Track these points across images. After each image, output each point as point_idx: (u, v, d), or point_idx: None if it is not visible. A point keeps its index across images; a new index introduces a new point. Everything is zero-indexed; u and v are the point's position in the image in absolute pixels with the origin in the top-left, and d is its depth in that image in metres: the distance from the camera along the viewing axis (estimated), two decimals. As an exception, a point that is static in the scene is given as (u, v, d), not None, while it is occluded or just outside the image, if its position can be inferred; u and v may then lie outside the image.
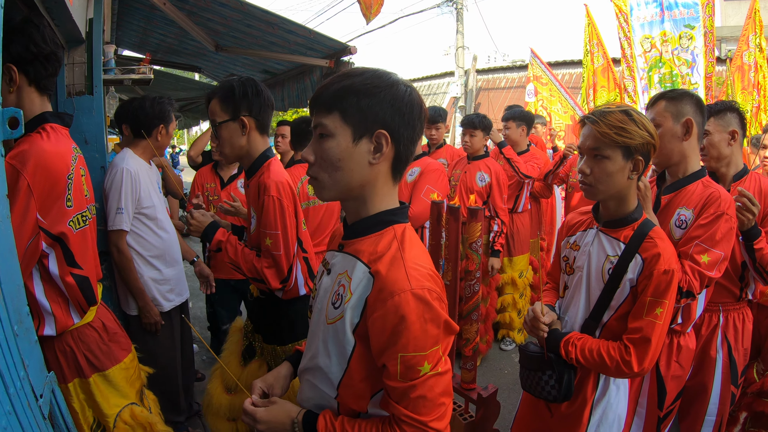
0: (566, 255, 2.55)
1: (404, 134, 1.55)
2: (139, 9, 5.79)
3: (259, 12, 5.00)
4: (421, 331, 1.43)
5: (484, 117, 5.54)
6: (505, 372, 5.46)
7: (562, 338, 2.34)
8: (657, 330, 2.14)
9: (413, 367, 1.45)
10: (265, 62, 7.02)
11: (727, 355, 3.11)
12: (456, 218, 2.94)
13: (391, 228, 1.60)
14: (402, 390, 1.47)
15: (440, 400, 1.51)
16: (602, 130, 2.17)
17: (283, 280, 2.92)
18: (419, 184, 4.37)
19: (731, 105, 3.14)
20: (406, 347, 1.43)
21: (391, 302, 1.43)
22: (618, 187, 2.25)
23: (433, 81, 21.97)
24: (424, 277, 1.48)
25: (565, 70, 16.75)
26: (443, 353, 1.50)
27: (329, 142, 1.51)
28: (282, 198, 2.86)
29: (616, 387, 2.42)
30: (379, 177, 1.58)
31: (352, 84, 1.50)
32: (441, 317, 1.47)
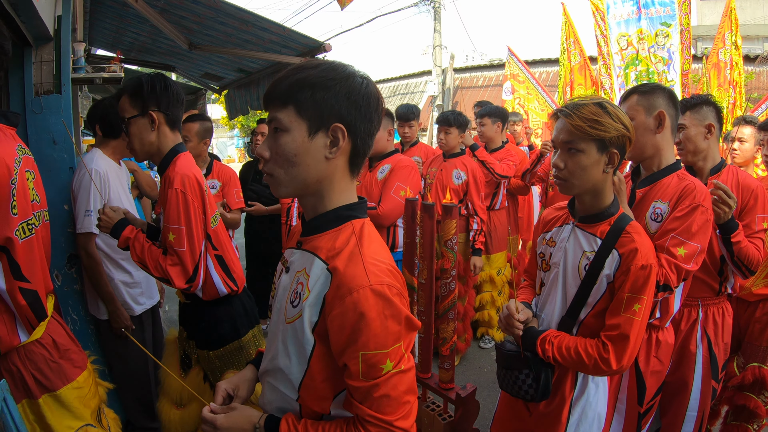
0: (542, 251, 2.52)
1: (361, 127, 1.53)
2: (111, 7, 5.68)
3: (233, 9, 4.93)
4: (381, 328, 1.40)
5: (459, 114, 5.47)
6: (485, 370, 5.45)
7: (539, 336, 2.30)
8: (635, 326, 2.11)
9: (375, 365, 1.42)
10: (239, 61, 6.93)
11: (707, 350, 3.10)
12: (431, 216, 2.90)
13: (350, 223, 1.57)
14: (365, 389, 1.44)
15: (405, 398, 1.48)
16: (576, 123, 2.14)
17: (188, 280, 2.84)
18: (389, 181, 4.31)
19: (707, 98, 3.13)
20: (367, 345, 1.40)
21: (349, 299, 1.40)
22: (593, 181, 2.21)
23: (411, 80, 22.05)
24: (383, 272, 1.45)
25: (542, 68, 16.89)
26: (406, 350, 1.48)
27: (284, 137, 1.48)
28: (186, 191, 2.81)
29: (595, 385, 2.39)
30: (337, 172, 1.55)
31: (306, 77, 1.47)
32: (402, 313, 1.44)
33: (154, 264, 2.81)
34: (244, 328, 3.27)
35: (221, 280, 3.09)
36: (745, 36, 9.38)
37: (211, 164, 4.96)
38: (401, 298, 1.46)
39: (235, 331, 3.22)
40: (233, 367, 3.19)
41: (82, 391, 2.68)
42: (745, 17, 17.03)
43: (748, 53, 13.70)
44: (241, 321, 3.26)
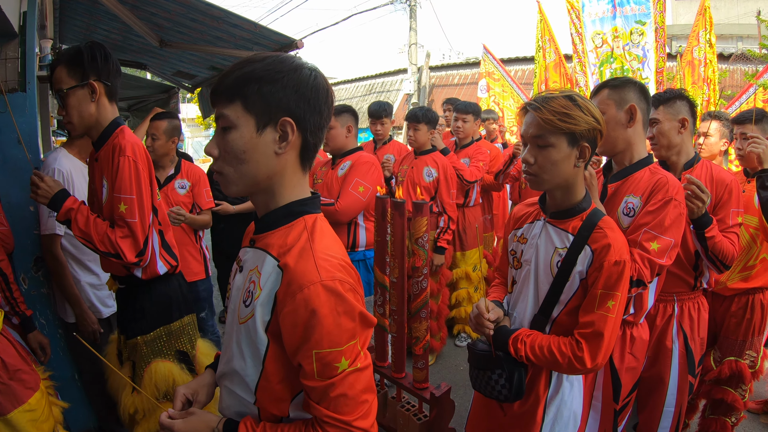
0: (513, 248, 2.48)
1: (311, 121, 1.50)
2: (81, 3, 5.58)
3: (203, 6, 4.85)
4: (334, 325, 1.38)
5: (428, 110, 5.43)
6: (460, 369, 5.43)
7: (511, 335, 2.26)
8: (609, 324, 2.07)
9: (330, 364, 1.39)
10: (211, 58, 6.84)
11: (683, 345, 3.10)
12: (401, 213, 2.86)
13: (302, 219, 1.54)
14: (321, 389, 1.41)
15: (362, 397, 1.46)
16: (545, 117, 2.09)
17: (139, 253, 2.75)
18: (348, 177, 4.27)
19: (680, 93, 3.12)
20: (320, 343, 1.37)
21: (300, 296, 1.37)
22: (564, 176, 2.16)
23: (387, 78, 22.08)
24: (335, 267, 1.43)
25: (517, 66, 16.98)
26: (362, 347, 1.46)
27: (232, 134, 1.45)
28: (137, 161, 2.74)
29: (569, 384, 2.36)
30: (287, 167, 1.53)
31: (253, 70, 1.44)
32: (355, 309, 1.42)
33: (100, 237, 2.67)
34: (177, 312, 3.17)
35: (161, 257, 3.02)
36: (720, 35, 9.47)
37: (180, 164, 4.84)
38: (355, 294, 1.44)
39: (167, 314, 3.11)
40: (160, 356, 3.08)
41: (34, 414, 2.58)
42: (719, 17, 17.22)
43: (722, 52, 13.87)
44: (176, 304, 3.16)
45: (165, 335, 3.09)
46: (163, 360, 3.06)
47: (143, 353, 3.04)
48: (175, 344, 3.12)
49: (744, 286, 3.67)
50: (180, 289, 3.20)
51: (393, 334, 3.11)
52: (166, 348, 3.09)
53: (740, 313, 3.65)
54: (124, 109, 11.34)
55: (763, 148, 3.41)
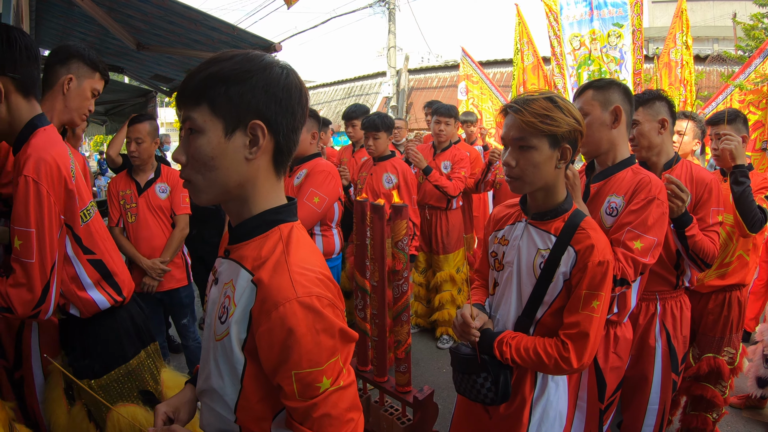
0: (494, 250, 2.47)
1: (283, 123, 1.42)
2: (57, 5, 5.51)
3: (181, 8, 4.81)
4: (313, 343, 1.31)
5: (385, 117, 5.23)
6: (443, 371, 5.41)
7: (495, 338, 2.25)
8: (594, 323, 2.08)
9: (311, 384, 1.33)
10: (189, 61, 6.79)
11: (666, 343, 3.12)
12: (380, 217, 2.86)
13: (277, 229, 1.47)
14: (303, 410, 1.35)
15: (347, 416, 1.40)
16: (526, 119, 2.07)
17: (35, 305, 2.19)
18: (303, 186, 4.10)
19: (659, 94, 3.15)
20: (299, 363, 1.31)
21: (275, 314, 1.30)
22: (546, 178, 2.16)
23: (366, 81, 22.08)
24: (312, 282, 1.35)
25: (496, 69, 17.05)
26: (344, 364, 1.39)
27: (199, 139, 1.36)
28: (41, 180, 2.16)
29: (555, 384, 2.36)
30: (260, 173, 1.44)
31: (220, 70, 1.35)
32: (335, 326, 1.35)
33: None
34: (133, 347, 2.81)
35: (99, 291, 2.59)
36: (696, 37, 9.57)
37: (159, 168, 4.72)
38: (334, 309, 1.37)
39: (120, 353, 2.74)
40: (122, 399, 2.73)
41: None
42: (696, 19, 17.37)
43: (699, 53, 14.05)
44: (128, 339, 2.79)
45: (122, 376, 2.75)
46: (126, 404, 2.74)
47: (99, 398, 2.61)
48: (137, 384, 2.80)
49: (721, 284, 3.71)
50: (132, 320, 2.85)
51: (374, 338, 3.10)
52: (125, 390, 2.76)
53: (717, 310, 3.69)
54: (101, 113, 11.25)
55: (735, 144, 3.45)
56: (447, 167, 5.90)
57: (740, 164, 3.43)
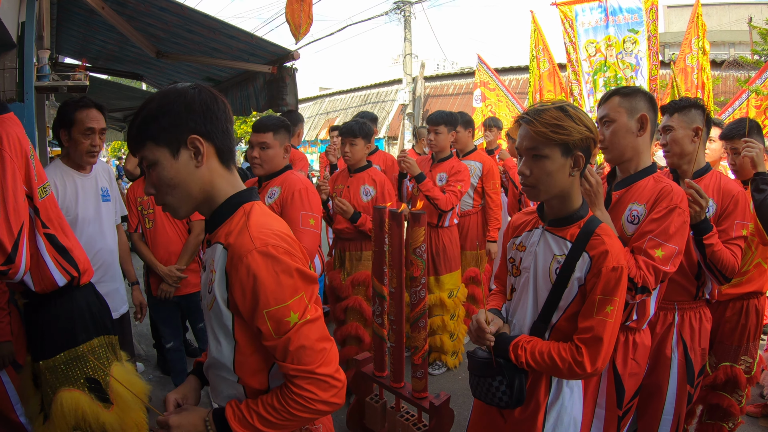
0: (512, 256, 2.49)
1: (212, 129, 1.67)
2: (78, 14, 5.61)
3: (200, 17, 4.88)
4: (276, 284, 1.56)
5: (363, 123, 4.85)
6: (459, 378, 5.38)
7: (511, 342, 2.27)
8: (608, 328, 2.09)
9: (281, 319, 1.57)
10: (207, 69, 6.88)
11: (682, 354, 3.09)
12: (399, 224, 2.88)
13: (241, 208, 1.72)
14: (281, 346, 1.59)
15: (319, 345, 1.63)
16: (538, 129, 2.11)
17: (6, 259, 2.30)
18: (290, 214, 3.66)
19: (696, 102, 3.11)
20: (268, 302, 1.55)
21: (241, 265, 1.55)
22: (560, 186, 2.18)
23: (382, 89, 22.14)
24: (268, 236, 1.60)
25: (512, 76, 17.02)
26: (309, 301, 1.64)
27: (156, 170, 1.63)
28: (4, 149, 2.34)
29: (569, 389, 2.36)
30: (213, 174, 1.70)
31: (148, 113, 1.61)
32: (291, 266, 1.59)
33: None
34: (85, 333, 2.80)
35: (55, 265, 2.66)
36: (712, 42, 9.53)
37: None
38: (290, 255, 1.61)
39: (70, 335, 2.75)
40: (67, 384, 2.70)
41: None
42: (712, 24, 17.32)
43: (714, 58, 13.92)
44: (82, 324, 2.79)
45: (70, 360, 2.74)
46: (70, 389, 2.71)
47: (47, 380, 2.72)
48: (84, 370, 2.77)
49: (738, 291, 3.67)
50: (89, 306, 2.86)
51: (392, 344, 3.12)
52: (72, 375, 2.74)
53: (735, 318, 3.65)
54: (119, 120, 11.35)
55: (756, 151, 3.43)
56: (443, 179, 5.43)
57: (761, 171, 3.41)
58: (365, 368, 3.34)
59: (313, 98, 27.09)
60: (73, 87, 4.28)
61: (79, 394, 2.71)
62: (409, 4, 18.89)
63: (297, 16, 5.19)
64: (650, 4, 7.95)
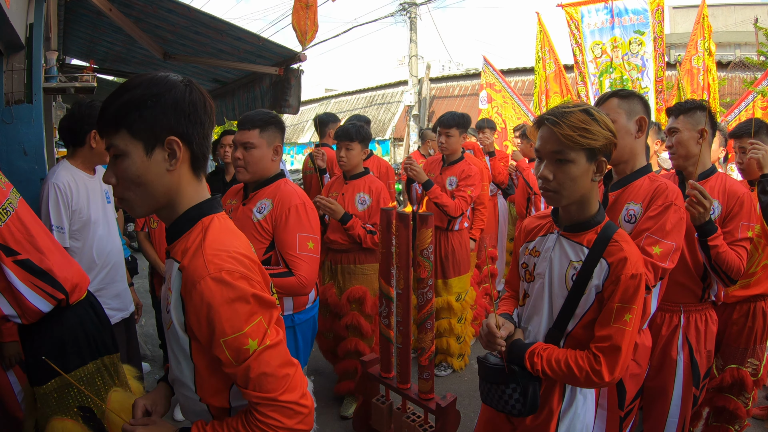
0: (525, 261, 2.43)
1: (194, 133, 1.58)
2: (85, 15, 5.64)
3: (207, 18, 4.90)
4: (230, 312, 1.47)
5: (361, 127, 4.53)
6: (465, 379, 5.38)
7: (527, 349, 2.23)
8: (627, 337, 2.05)
9: (240, 348, 1.49)
10: (214, 70, 6.90)
11: (688, 357, 3.10)
12: (406, 225, 2.89)
13: (200, 222, 1.62)
14: (242, 374, 1.51)
15: (282, 371, 1.55)
16: (565, 132, 2.03)
17: None
18: (285, 237, 3.13)
19: (701, 104, 3.12)
20: (224, 331, 1.47)
21: (195, 292, 1.46)
22: (582, 191, 2.13)
23: (387, 90, 22.13)
24: (223, 260, 1.50)
25: (517, 77, 17.02)
26: (268, 325, 1.55)
27: (125, 162, 1.51)
28: None
29: (582, 396, 2.33)
30: (182, 180, 1.60)
31: (131, 98, 1.49)
32: (247, 293, 1.49)
33: None
34: (78, 358, 2.65)
35: (35, 292, 2.49)
36: (717, 43, 9.52)
37: None
38: (246, 281, 1.51)
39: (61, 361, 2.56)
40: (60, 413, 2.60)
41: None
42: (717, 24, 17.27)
43: (720, 60, 13.92)
44: (74, 347, 2.64)
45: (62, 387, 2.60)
46: (62, 418, 2.59)
47: (39, 408, 2.63)
48: (78, 398, 2.64)
49: (745, 294, 3.65)
50: (83, 326, 2.69)
51: (398, 345, 3.12)
52: (65, 403, 2.61)
53: (742, 320, 3.65)
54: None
55: (762, 153, 3.43)
56: (453, 183, 5.28)
57: (767, 173, 3.42)
58: (372, 369, 3.35)
59: (318, 99, 27.08)
60: (81, 88, 4.29)
61: (72, 425, 2.62)
62: (415, 5, 18.90)
63: (303, 23, 5.20)
64: (656, 6, 7.94)
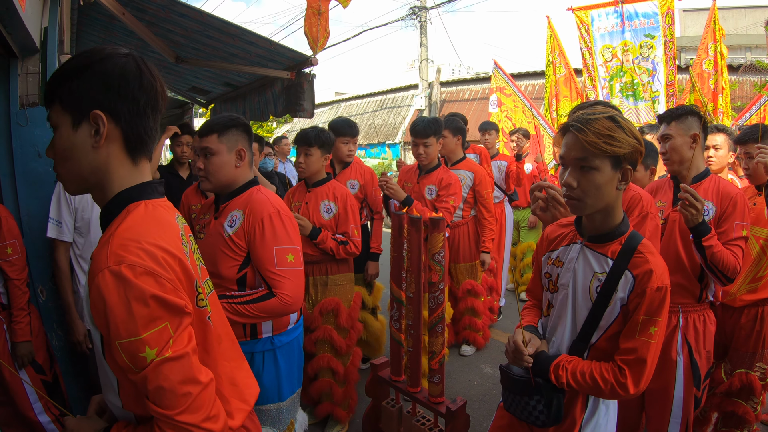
0: (548, 271, 2.40)
1: (123, 109, 1.46)
2: (98, 19, 5.68)
3: (219, 23, 4.93)
4: (126, 312, 1.32)
5: (321, 131, 4.22)
6: (474, 383, 5.36)
7: (552, 362, 2.21)
8: (652, 350, 2.02)
9: (135, 354, 1.34)
10: (226, 74, 6.94)
11: (687, 357, 3.14)
12: (417, 229, 2.91)
13: (126, 208, 1.50)
14: (140, 382, 1.37)
15: (182, 389, 1.40)
16: (590, 140, 1.98)
17: None
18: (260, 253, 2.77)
19: (691, 109, 3.16)
20: (119, 333, 1.32)
21: (93, 285, 1.33)
22: (607, 200, 2.09)
23: (398, 94, 22.14)
24: (129, 251, 1.36)
25: (528, 81, 17.01)
26: (174, 333, 1.40)
27: (56, 135, 1.45)
28: None
29: (605, 407, 2.31)
30: (111, 160, 1.49)
31: (63, 70, 1.44)
32: (146, 293, 1.34)
33: None
34: None
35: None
36: (728, 46, 9.48)
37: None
38: (151, 278, 1.36)
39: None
40: None
41: None
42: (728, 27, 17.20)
43: (731, 63, 13.85)
44: None
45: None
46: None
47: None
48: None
49: (753, 298, 3.65)
50: None
51: (409, 348, 3.14)
52: None
53: (750, 325, 3.64)
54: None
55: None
56: (432, 192, 5.05)
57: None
58: (382, 372, 3.37)
59: (328, 103, 27.11)
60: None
61: None
62: (425, 9, 18.92)
63: (315, 29, 5.22)
64: (666, 9, 7.93)
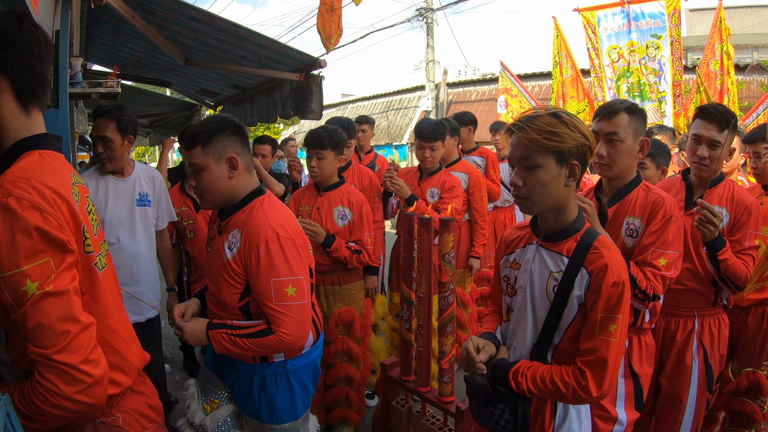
0: (506, 275, 2.36)
1: (10, 62, 1.48)
2: (107, 22, 5.72)
3: (229, 25, 4.97)
4: (9, 243, 1.33)
5: (333, 132, 3.94)
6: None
7: (510, 369, 2.16)
8: (613, 349, 1.95)
9: (17, 288, 1.33)
10: (235, 76, 6.96)
11: (703, 362, 3.13)
12: (428, 230, 2.92)
13: (22, 156, 1.50)
14: (21, 321, 1.35)
15: (61, 327, 1.37)
16: (530, 137, 1.97)
17: None
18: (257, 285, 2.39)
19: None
20: (2, 266, 1.32)
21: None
22: (555, 197, 2.06)
23: (404, 95, 22.11)
24: (17, 186, 1.38)
25: (534, 82, 16.95)
26: (57, 269, 1.39)
27: None
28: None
29: (576, 411, 2.23)
30: (4, 111, 1.50)
31: None
32: (30, 225, 1.35)
33: None
34: None
35: None
36: (735, 45, 9.46)
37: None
38: (38, 212, 1.38)
39: None
40: None
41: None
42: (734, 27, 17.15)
43: (738, 62, 13.75)
44: None
45: None
46: None
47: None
48: None
49: (760, 297, 3.65)
50: None
51: (420, 348, 3.16)
52: None
53: (757, 324, 3.64)
54: (145, 126, 11.47)
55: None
56: (434, 195, 4.90)
57: None
58: (392, 372, 3.40)
59: (335, 105, 27.08)
60: (105, 94, 4.36)
61: None
62: (432, 11, 18.91)
63: (327, 26, 5.25)
64: (672, 9, 7.95)
